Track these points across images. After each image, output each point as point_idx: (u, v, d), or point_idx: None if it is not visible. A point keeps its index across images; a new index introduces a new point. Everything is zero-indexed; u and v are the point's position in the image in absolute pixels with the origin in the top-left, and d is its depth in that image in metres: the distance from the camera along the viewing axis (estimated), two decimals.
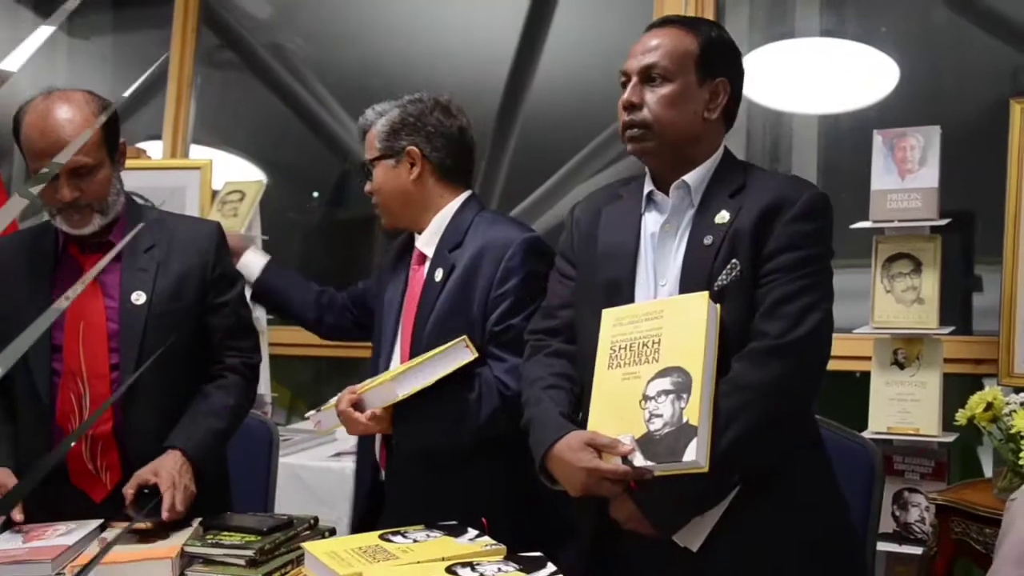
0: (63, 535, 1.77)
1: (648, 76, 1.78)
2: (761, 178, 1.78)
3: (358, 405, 1.98)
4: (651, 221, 1.82)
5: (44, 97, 2.00)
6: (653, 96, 1.77)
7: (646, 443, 1.59)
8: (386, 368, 2.19)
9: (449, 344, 1.96)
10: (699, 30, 1.81)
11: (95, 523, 1.86)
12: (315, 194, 4.65)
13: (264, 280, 2.49)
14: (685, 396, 1.58)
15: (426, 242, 2.20)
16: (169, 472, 1.92)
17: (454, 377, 1.99)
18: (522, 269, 2.07)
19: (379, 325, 2.28)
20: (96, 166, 2.00)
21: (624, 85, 1.81)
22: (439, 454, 2.04)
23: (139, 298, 2.06)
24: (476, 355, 1.96)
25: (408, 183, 2.19)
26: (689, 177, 1.78)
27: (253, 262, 2.50)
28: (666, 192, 1.80)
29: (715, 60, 1.79)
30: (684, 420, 1.56)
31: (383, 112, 2.23)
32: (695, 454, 1.53)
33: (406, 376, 1.93)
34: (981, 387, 2.92)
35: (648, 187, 1.84)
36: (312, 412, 2.14)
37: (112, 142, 2.05)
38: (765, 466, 1.66)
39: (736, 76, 1.84)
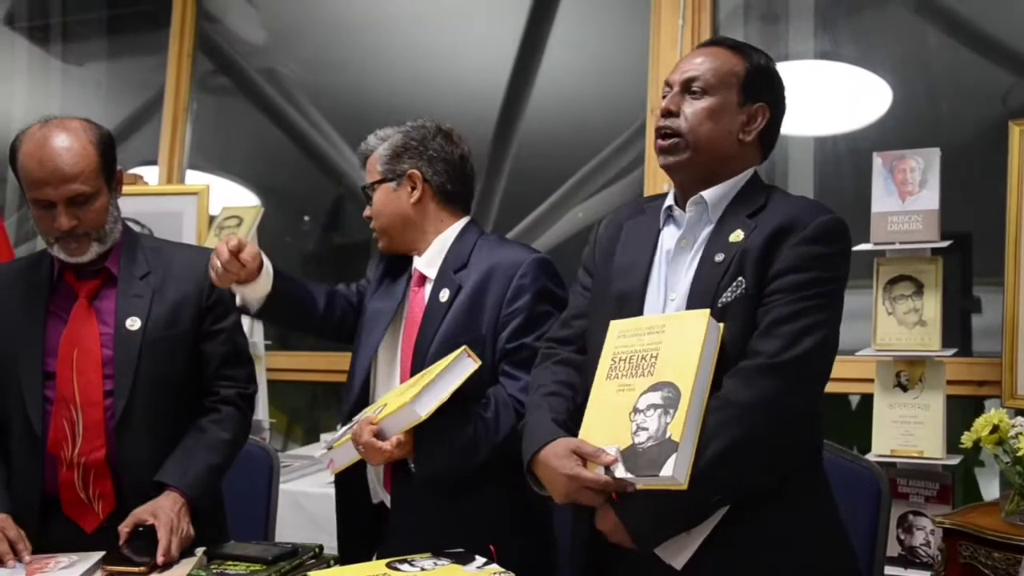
0: (66, 568, 1.75)
1: (689, 88, 1.78)
2: (782, 201, 1.78)
3: (379, 434, 1.96)
4: (668, 236, 1.82)
5: (41, 125, 2.00)
6: (691, 107, 1.77)
7: (629, 455, 1.59)
8: (364, 381, 2.19)
9: (451, 356, 1.94)
10: (748, 55, 1.81)
11: (97, 555, 1.83)
12: (306, 218, 4.64)
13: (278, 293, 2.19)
14: (672, 411, 1.57)
15: (427, 264, 2.19)
16: (167, 514, 1.90)
17: (470, 398, 1.98)
18: (533, 287, 2.07)
19: (360, 336, 2.26)
20: (94, 194, 1.99)
21: (665, 97, 1.82)
22: (456, 476, 2.01)
23: (133, 324, 2.05)
24: (480, 363, 1.95)
25: (408, 206, 2.19)
26: (707, 193, 1.78)
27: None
28: (685, 208, 1.81)
29: (759, 86, 1.80)
30: (667, 435, 1.55)
31: (385, 137, 2.24)
32: (672, 470, 1.52)
33: (423, 396, 1.90)
34: (983, 409, 2.92)
35: (669, 202, 1.84)
36: (322, 452, 2.09)
37: (109, 170, 2.05)
38: (751, 486, 1.64)
39: (777, 106, 1.84)
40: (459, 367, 1.93)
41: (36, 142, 1.96)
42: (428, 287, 2.17)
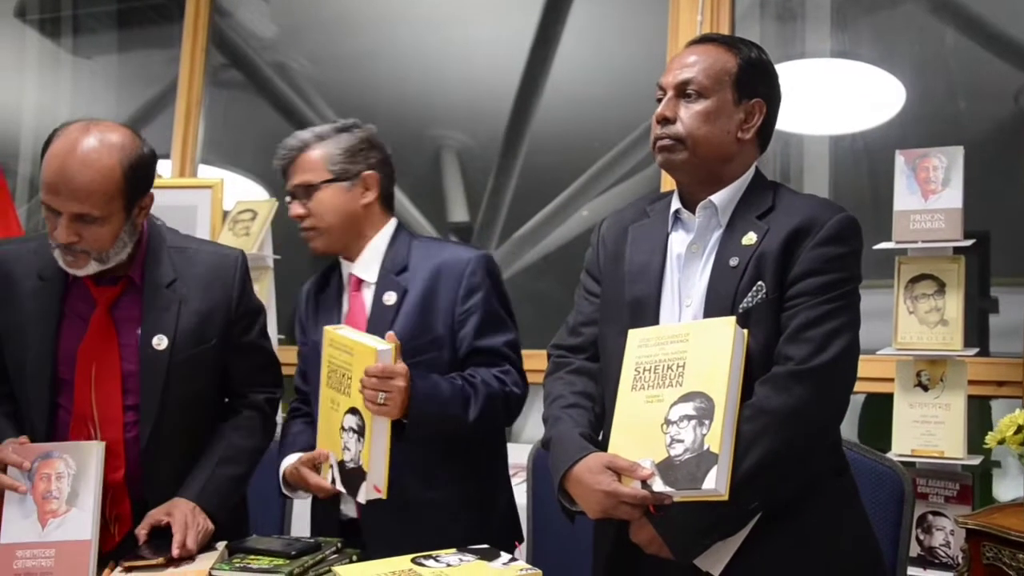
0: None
1: (684, 91, 1.76)
2: (790, 200, 1.77)
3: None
4: (678, 241, 1.80)
5: (82, 128, 1.85)
6: (687, 111, 1.75)
7: (666, 468, 1.57)
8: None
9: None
10: (739, 49, 1.79)
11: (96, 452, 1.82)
12: None
13: None
14: (707, 422, 1.56)
15: (364, 268, 2.18)
16: (182, 512, 1.88)
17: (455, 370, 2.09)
18: (485, 284, 2.12)
19: (311, 371, 2.23)
20: (102, 219, 1.84)
21: (660, 100, 1.80)
22: (448, 431, 2.03)
23: (160, 343, 1.95)
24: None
25: (359, 207, 2.17)
26: (716, 197, 1.76)
27: None
28: (693, 211, 1.79)
29: (753, 80, 1.78)
30: (705, 447, 1.54)
31: (323, 135, 2.18)
32: (715, 482, 1.52)
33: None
34: (990, 410, 2.92)
35: (675, 205, 1.82)
36: (349, 490, 1.95)
37: (132, 195, 1.89)
38: (788, 493, 1.64)
39: (773, 99, 1.82)
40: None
41: (66, 144, 1.82)
42: (367, 291, 2.16)
